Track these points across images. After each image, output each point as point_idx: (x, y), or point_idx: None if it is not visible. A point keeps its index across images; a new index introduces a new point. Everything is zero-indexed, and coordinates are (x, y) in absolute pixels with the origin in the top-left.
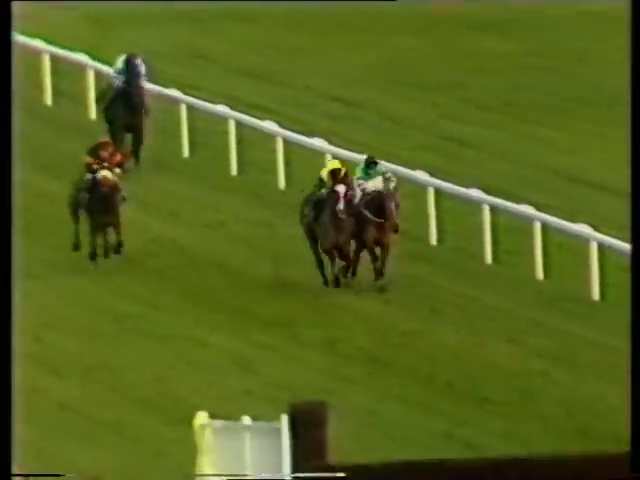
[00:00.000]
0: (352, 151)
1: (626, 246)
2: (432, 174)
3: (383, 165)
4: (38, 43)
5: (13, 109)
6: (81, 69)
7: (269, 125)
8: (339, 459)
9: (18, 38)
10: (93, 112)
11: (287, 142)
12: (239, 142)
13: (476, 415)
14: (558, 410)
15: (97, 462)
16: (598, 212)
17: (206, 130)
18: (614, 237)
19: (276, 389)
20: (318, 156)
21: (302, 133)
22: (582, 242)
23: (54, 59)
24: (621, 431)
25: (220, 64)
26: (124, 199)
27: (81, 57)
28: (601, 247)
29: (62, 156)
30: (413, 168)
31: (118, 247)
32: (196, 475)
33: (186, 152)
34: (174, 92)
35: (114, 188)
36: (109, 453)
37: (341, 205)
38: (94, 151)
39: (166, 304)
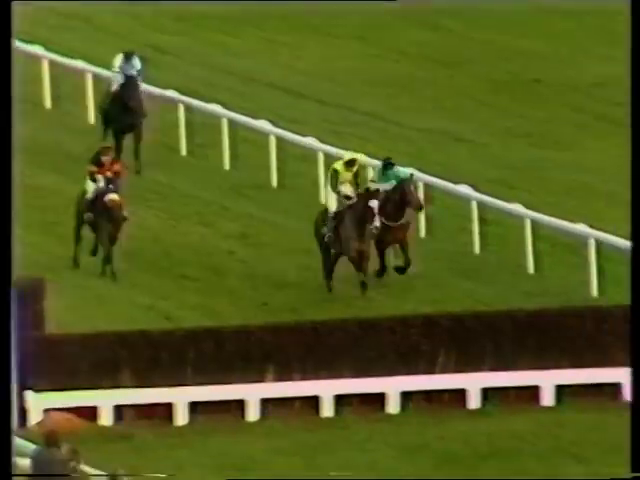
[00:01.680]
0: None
1: (305, 140)
2: None
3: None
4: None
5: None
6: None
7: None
8: (57, 330)
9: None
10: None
11: (280, 140)
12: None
13: (174, 290)
14: (244, 285)
15: None
16: (274, 109)
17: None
18: (288, 130)
19: None
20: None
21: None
22: (263, 137)
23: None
24: (297, 302)
25: None
26: (125, 219)
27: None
28: (280, 139)
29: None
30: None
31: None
32: None
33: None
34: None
35: (120, 208)
36: None
37: (377, 222)
38: (96, 158)
39: None
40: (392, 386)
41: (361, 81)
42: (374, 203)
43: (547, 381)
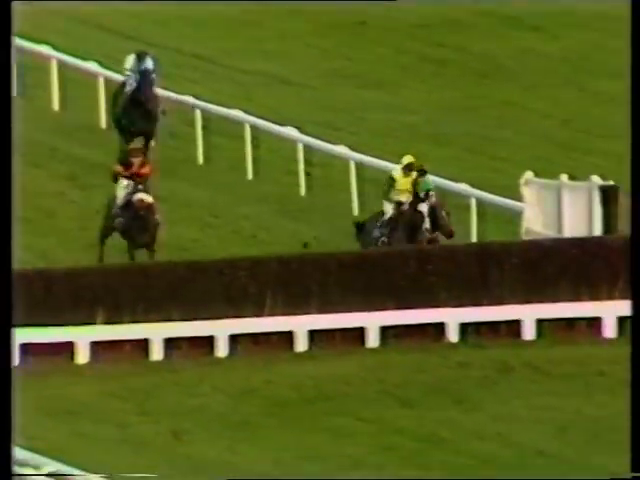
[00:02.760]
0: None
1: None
2: None
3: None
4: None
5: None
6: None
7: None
8: None
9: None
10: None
11: (109, 81)
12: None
13: None
14: (74, 226)
15: None
16: (103, 50)
17: None
18: (116, 72)
19: None
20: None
21: None
22: (92, 78)
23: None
24: (126, 245)
25: None
26: (158, 224)
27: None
28: (109, 81)
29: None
30: None
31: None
32: None
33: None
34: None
35: (149, 210)
36: None
37: (427, 224)
38: (124, 158)
39: None
40: (221, 329)
41: (187, 23)
42: (423, 207)
43: (372, 323)
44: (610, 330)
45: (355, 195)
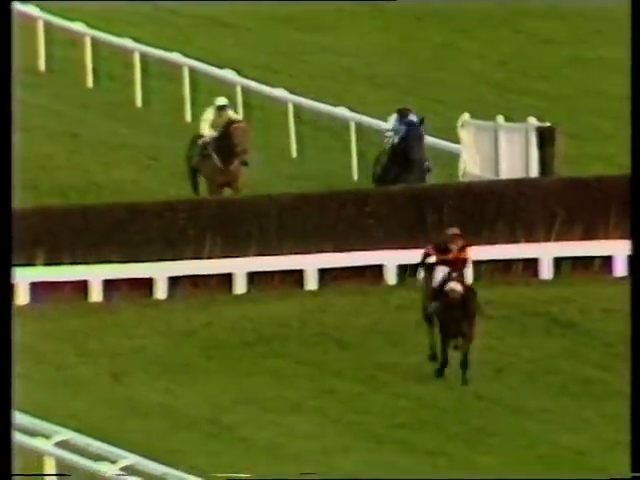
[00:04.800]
0: None
1: (73, 25)
2: None
3: None
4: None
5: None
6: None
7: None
8: None
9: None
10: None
11: (48, 24)
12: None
13: None
14: (12, 168)
15: None
16: None
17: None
18: (55, 15)
19: None
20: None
21: None
22: (31, 21)
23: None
24: (65, 186)
25: None
26: (475, 313)
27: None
28: (48, 24)
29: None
30: None
31: (465, 363)
32: None
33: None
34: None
35: (463, 300)
36: None
37: None
38: (441, 245)
39: None
40: (160, 271)
41: None
42: None
43: (311, 265)
44: (546, 272)
45: (293, 138)
